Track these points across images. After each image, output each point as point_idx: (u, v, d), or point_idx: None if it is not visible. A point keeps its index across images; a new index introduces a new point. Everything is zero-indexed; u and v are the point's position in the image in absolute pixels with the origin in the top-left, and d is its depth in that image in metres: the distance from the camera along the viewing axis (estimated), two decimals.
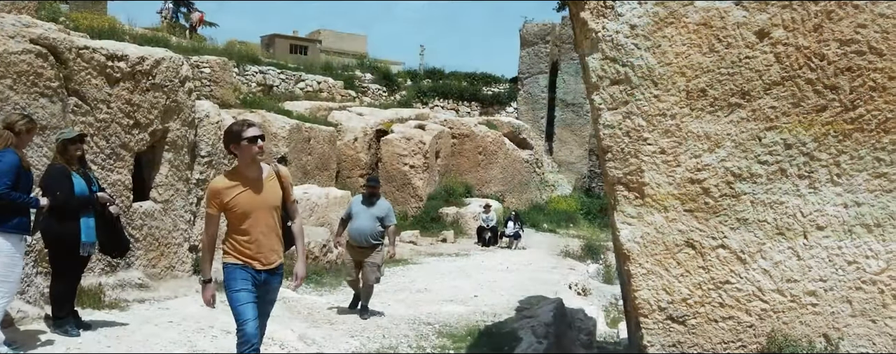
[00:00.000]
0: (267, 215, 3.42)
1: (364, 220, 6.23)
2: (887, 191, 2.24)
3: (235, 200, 3.37)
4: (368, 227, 6.21)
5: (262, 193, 3.42)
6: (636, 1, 2.49)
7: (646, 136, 2.46)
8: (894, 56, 2.25)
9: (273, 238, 3.45)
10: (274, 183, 3.48)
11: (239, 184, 3.38)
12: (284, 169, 3.64)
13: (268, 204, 3.42)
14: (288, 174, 3.64)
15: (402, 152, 15.19)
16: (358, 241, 6.22)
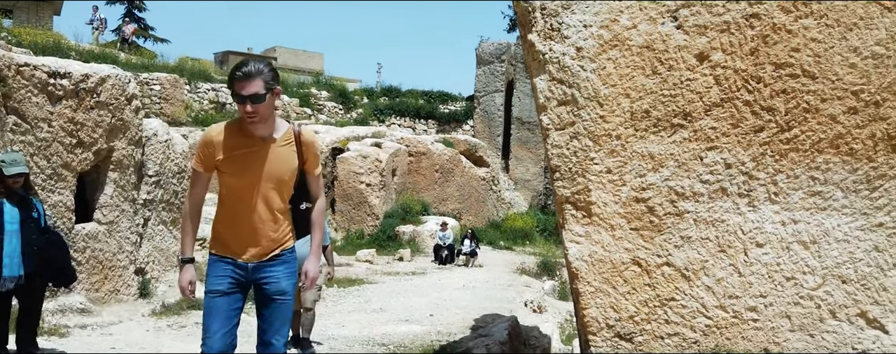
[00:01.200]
0: (269, 191, 2.63)
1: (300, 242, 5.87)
2: (822, 209, 2.32)
3: (230, 161, 2.60)
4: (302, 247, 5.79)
5: (268, 160, 2.61)
6: (582, 24, 2.54)
7: (592, 156, 2.50)
8: (826, 79, 2.34)
9: (272, 223, 2.67)
10: (289, 150, 2.67)
11: (240, 141, 2.61)
12: (309, 133, 2.77)
13: (273, 175, 2.62)
14: (313, 141, 2.77)
15: (359, 170, 15.11)
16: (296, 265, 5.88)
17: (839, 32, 2.33)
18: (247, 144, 2.62)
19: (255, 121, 2.57)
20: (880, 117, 2.30)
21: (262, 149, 2.64)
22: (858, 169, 2.31)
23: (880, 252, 2.28)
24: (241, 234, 2.69)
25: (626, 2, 2.49)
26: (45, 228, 4.17)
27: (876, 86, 2.30)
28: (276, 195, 2.67)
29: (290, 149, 2.70)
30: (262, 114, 2.57)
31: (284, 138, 2.69)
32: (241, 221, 2.69)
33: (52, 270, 4.14)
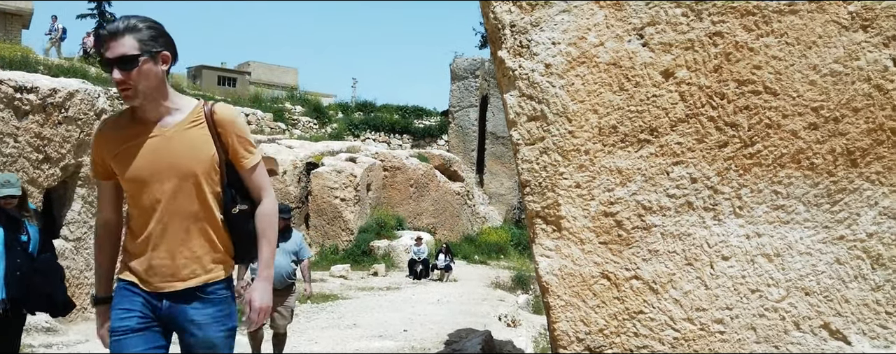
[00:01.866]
0: (177, 193, 1.98)
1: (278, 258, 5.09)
2: (785, 223, 2.37)
3: (120, 158, 2.00)
4: (284, 265, 5.31)
5: (168, 151, 1.99)
6: (550, 41, 2.58)
7: (562, 171, 2.53)
8: (787, 95, 2.40)
9: (186, 238, 1.99)
10: (199, 134, 2.03)
11: (130, 131, 2.02)
12: (226, 110, 2.10)
13: (179, 170, 1.98)
14: (232, 119, 2.08)
15: (333, 185, 15.04)
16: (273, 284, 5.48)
17: (799, 50, 2.40)
18: (137, 133, 2.00)
19: (128, 95, 1.95)
20: (839, 133, 2.37)
21: (158, 138, 2.00)
22: (819, 183, 2.36)
23: (841, 264, 2.33)
24: (146, 256, 2.01)
25: (593, 20, 2.54)
26: (32, 253, 3.93)
27: (835, 103, 2.37)
28: (189, 197, 2.00)
29: (201, 133, 2.03)
30: (137, 84, 1.94)
31: (191, 120, 2.03)
32: (145, 238, 2.00)
33: (36, 297, 3.88)
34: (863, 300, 2.31)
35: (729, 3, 2.45)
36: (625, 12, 2.53)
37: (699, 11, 2.46)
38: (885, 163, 2.33)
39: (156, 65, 2.01)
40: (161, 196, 2.01)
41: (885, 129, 2.34)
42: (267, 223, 2.15)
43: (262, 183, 2.17)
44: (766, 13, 2.42)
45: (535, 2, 2.61)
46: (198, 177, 2.03)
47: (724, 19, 2.45)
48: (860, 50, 2.37)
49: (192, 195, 2.03)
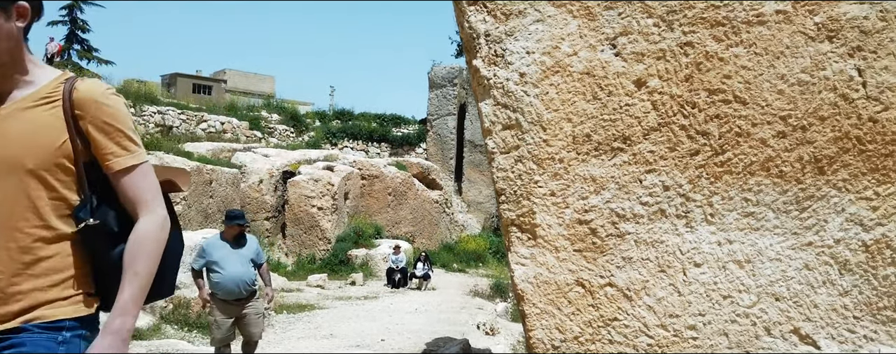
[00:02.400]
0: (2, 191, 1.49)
1: (236, 265, 5.07)
2: (755, 230, 2.41)
3: None
4: (245, 273, 5.10)
5: None
6: (525, 51, 2.60)
7: (537, 179, 2.54)
8: (756, 104, 2.45)
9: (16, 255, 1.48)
10: (47, 115, 1.55)
11: None
12: (93, 87, 1.60)
13: (6, 162, 1.49)
14: (98, 99, 1.58)
15: (310, 194, 14.95)
16: (234, 293, 5.00)
17: (767, 60, 2.45)
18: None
19: None
20: (807, 141, 2.41)
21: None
22: (788, 190, 2.41)
23: (810, 270, 2.37)
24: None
25: (566, 29, 2.57)
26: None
27: (802, 112, 2.42)
28: (16, 202, 1.49)
29: (48, 115, 1.54)
30: None
31: (40, 96, 1.55)
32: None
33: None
34: (831, 305, 2.36)
35: (699, 14, 2.49)
36: (598, 22, 2.56)
37: (670, 22, 2.50)
38: (851, 170, 2.38)
39: (8, 20, 1.51)
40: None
41: (850, 138, 2.39)
42: (140, 250, 1.54)
43: (142, 194, 1.59)
44: (736, 24, 2.47)
45: (509, 11, 2.63)
46: (31, 175, 1.49)
47: (695, 30, 2.49)
48: (826, 60, 2.43)
49: (21, 198, 1.48)
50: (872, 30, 2.42)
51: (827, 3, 2.45)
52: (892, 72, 2.40)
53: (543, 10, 2.61)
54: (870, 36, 2.42)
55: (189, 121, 18.88)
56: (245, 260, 5.16)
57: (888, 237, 2.36)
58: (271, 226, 14.60)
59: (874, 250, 2.36)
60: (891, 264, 2.35)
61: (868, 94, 2.40)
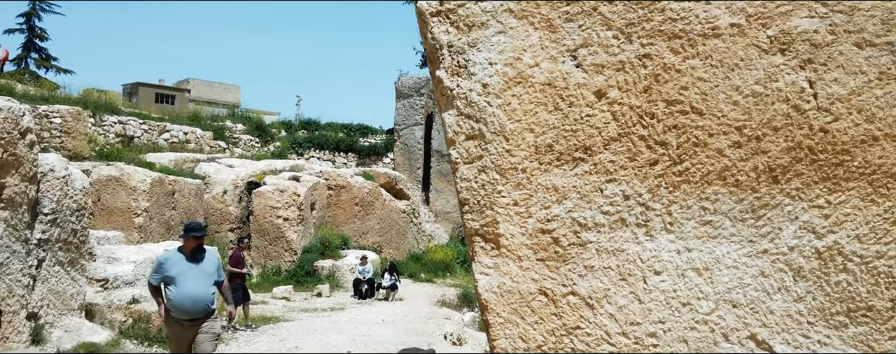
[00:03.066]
0: None
1: (196, 282, 4.76)
2: (712, 238, 2.46)
3: None
4: (204, 290, 4.81)
5: None
6: (487, 61, 2.62)
7: (500, 189, 2.56)
8: (712, 115, 2.50)
9: None
10: None
11: None
12: None
13: None
14: None
15: (276, 204, 14.78)
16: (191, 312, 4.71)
17: (723, 72, 2.51)
18: None
19: None
20: (761, 151, 2.48)
21: None
22: (744, 199, 2.46)
23: (766, 277, 2.43)
24: None
25: (528, 41, 2.60)
26: None
27: (757, 122, 2.48)
28: None
29: None
30: None
31: None
32: None
33: None
34: (786, 311, 2.41)
35: (657, 27, 2.54)
36: (559, 34, 2.60)
37: (629, 34, 2.55)
38: (803, 179, 2.45)
39: None
40: None
41: (803, 147, 2.46)
42: None
43: None
44: (692, 37, 2.53)
45: (472, 23, 2.65)
46: None
47: (653, 42, 2.54)
48: (779, 72, 2.50)
49: None
50: (822, 43, 2.50)
51: (779, 17, 2.52)
52: (842, 85, 2.48)
53: (505, 22, 2.63)
54: (820, 49, 2.50)
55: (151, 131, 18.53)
56: (204, 277, 4.90)
57: (839, 244, 2.43)
58: (235, 238, 14.37)
59: (826, 257, 2.42)
60: (842, 270, 2.42)
61: (819, 105, 2.47)
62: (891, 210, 2.44)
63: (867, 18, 2.49)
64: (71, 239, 7.03)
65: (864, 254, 2.43)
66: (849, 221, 2.44)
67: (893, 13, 2.49)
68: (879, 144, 2.45)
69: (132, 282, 8.45)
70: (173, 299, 4.69)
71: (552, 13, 2.61)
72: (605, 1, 2.57)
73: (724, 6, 2.54)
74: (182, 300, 4.67)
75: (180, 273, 4.75)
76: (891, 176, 2.44)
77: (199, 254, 4.93)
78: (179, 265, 4.84)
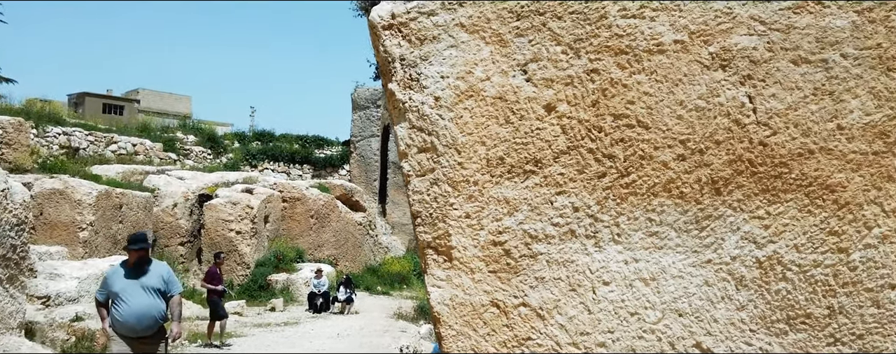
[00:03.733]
0: None
1: (140, 298, 4.60)
2: (659, 248, 2.52)
3: None
4: (150, 306, 4.64)
5: None
6: (439, 75, 2.64)
7: (452, 202, 2.57)
8: (658, 129, 2.57)
9: None
10: None
11: None
12: None
13: None
14: None
15: (228, 217, 14.50)
16: (136, 329, 4.55)
17: (667, 87, 2.58)
18: None
19: None
20: (704, 163, 2.55)
21: None
22: (688, 210, 2.53)
23: (710, 286, 2.50)
24: None
25: (479, 55, 2.63)
26: None
27: (700, 136, 2.56)
28: None
29: None
30: None
31: None
32: None
33: None
34: (729, 319, 2.48)
35: (604, 43, 2.60)
36: (509, 48, 2.63)
37: (577, 50, 2.60)
38: (744, 191, 2.53)
39: None
40: None
41: (743, 160, 2.55)
42: None
43: None
44: (638, 52, 2.59)
45: (423, 36, 2.67)
46: None
47: (600, 57, 2.60)
48: (720, 87, 2.58)
49: None
50: (761, 60, 2.60)
51: (720, 35, 2.61)
52: (779, 100, 2.58)
53: (457, 36, 2.66)
54: (759, 65, 2.60)
55: (98, 142, 17.98)
56: (150, 291, 4.71)
57: (779, 253, 2.52)
58: (186, 252, 14.03)
59: (767, 266, 2.50)
60: (782, 279, 2.50)
61: (758, 120, 2.57)
62: (826, 220, 2.54)
63: (802, 37, 2.60)
64: (9, 255, 6.75)
65: (802, 263, 2.52)
66: (787, 231, 2.53)
67: (827, 32, 2.61)
68: (815, 157, 2.55)
69: (76, 299, 8.15)
70: (117, 315, 4.51)
71: (503, 28, 2.65)
72: (554, 17, 2.62)
73: (668, 23, 2.61)
74: (127, 316, 4.51)
75: (124, 288, 4.58)
76: (826, 187, 2.55)
77: (143, 267, 4.75)
78: (122, 280, 4.68)
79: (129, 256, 4.68)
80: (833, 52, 2.61)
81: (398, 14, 2.68)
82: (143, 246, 4.80)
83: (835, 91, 2.59)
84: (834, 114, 2.59)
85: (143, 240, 4.86)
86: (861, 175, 2.59)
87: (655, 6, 2.63)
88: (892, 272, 2.56)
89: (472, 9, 2.67)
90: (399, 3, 2.69)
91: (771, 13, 2.62)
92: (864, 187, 2.58)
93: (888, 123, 2.58)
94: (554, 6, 2.64)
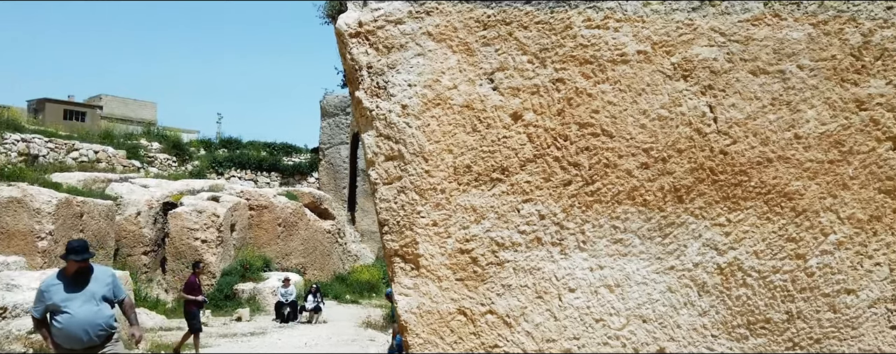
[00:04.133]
0: None
1: (83, 307, 4.23)
2: (623, 255, 2.55)
3: None
4: (95, 315, 4.26)
5: None
6: (407, 83, 2.64)
7: (419, 210, 2.57)
8: (622, 138, 2.61)
9: None
10: None
11: None
12: None
13: None
14: None
15: (193, 226, 14.26)
16: (83, 341, 4.18)
17: (631, 97, 2.63)
18: None
19: None
20: (667, 172, 2.60)
21: None
22: (652, 218, 2.57)
23: (673, 292, 2.54)
24: None
25: (447, 64, 2.64)
26: None
27: (662, 145, 2.60)
28: None
29: None
30: None
31: None
32: None
33: None
34: (692, 325, 2.52)
35: (569, 52, 2.64)
36: (476, 57, 2.65)
37: (543, 59, 2.64)
38: (706, 198, 2.59)
39: None
40: None
41: (705, 169, 2.60)
42: None
43: None
44: (602, 62, 2.64)
45: (391, 45, 2.67)
46: None
47: (566, 67, 2.63)
48: (682, 97, 2.64)
49: None
50: (721, 70, 2.66)
51: (681, 46, 2.67)
52: (739, 109, 2.64)
53: (424, 45, 2.67)
54: (719, 76, 2.66)
55: (58, 149, 17.54)
56: (93, 299, 4.35)
57: (739, 260, 2.57)
58: (150, 261, 13.75)
59: (728, 272, 2.56)
60: (742, 285, 2.56)
61: (719, 129, 2.63)
62: (784, 227, 2.61)
63: (761, 48, 2.67)
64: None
65: (761, 269, 2.58)
66: (747, 238, 2.59)
67: (784, 44, 2.69)
68: (773, 165, 2.62)
69: None
70: (62, 329, 4.15)
71: (470, 37, 2.67)
72: (520, 27, 2.65)
73: (631, 34, 2.66)
74: (73, 329, 4.14)
75: (65, 299, 4.20)
76: (784, 195, 2.62)
77: (85, 277, 4.36)
78: (62, 292, 4.29)
79: (68, 266, 4.36)
80: (790, 64, 2.69)
81: (365, 22, 2.68)
82: (85, 257, 4.45)
83: (792, 101, 2.67)
84: (791, 123, 2.66)
85: (86, 250, 4.48)
86: (817, 183, 2.66)
87: (619, 17, 2.68)
88: (848, 277, 2.64)
89: (439, 18, 2.69)
90: (366, 11, 2.69)
91: (730, 25, 2.69)
92: (821, 195, 2.66)
93: (843, 133, 2.67)
94: (520, 16, 2.67)
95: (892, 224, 2.63)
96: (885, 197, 2.63)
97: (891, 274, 2.61)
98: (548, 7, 2.68)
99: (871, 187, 2.63)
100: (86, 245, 4.53)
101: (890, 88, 2.66)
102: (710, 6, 2.69)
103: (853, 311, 2.58)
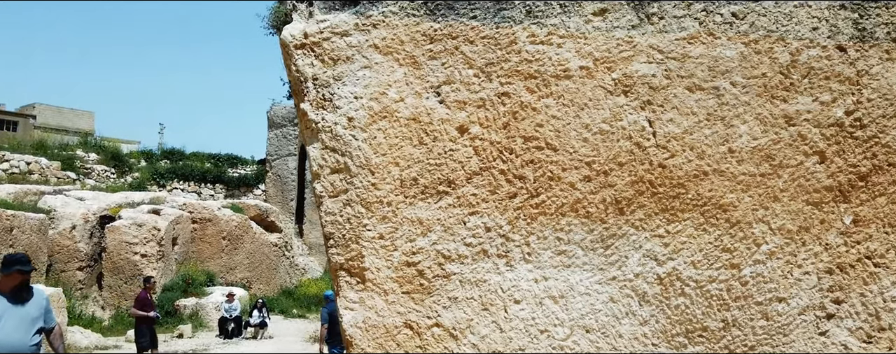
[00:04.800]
0: None
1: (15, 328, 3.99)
2: (567, 266, 2.60)
3: None
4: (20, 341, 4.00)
5: None
6: (353, 95, 2.63)
7: (365, 223, 2.56)
8: (565, 151, 2.67)
9: None
10: None
11: None
12: None
13: None
14: None
15: (133, 240, 13.79)
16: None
17: (574, 111, 2.68)
18: None
19: None
20: (609, 184, 2.66)
21: None
22: (594, 229, 2.63)
23: (615, 302, 2.59)
24: None
25: (393, 76, 2.65)
26: None
27: (604, 158, 2.67)
28: None
29: None
30: None
31: None
32: None
33: None
34: (633, 334, 2.58)
35: (514, 67, 2.68)
36: (422, 71, 2.67)
37: (489, 73, 2.67)
38: (645, 210, 2.66)
39: None
40: None
41: (644, 181, 2.68)
42: None
43: None
44: (546, 77, 2.69)
45: (337, 57, 2.66)
46: None
47: (511, 81, 2.68)
48: (623, 112, 2.71)
49: None
50: (659, 86, 2.75)
51: (622, 62, 2.75)
52: (676, 124, 2.73)
53: (371, 57, 2.67)
54: (657, 91, 2.75)
55: None
56: (26, 323, 4.11)
57: (678, 270, 2.65)
58: (85, 277, 13.21)
59: (667, 282, 2.63)
60: (681, 295, 2.63)
61: (657, 143, 2.71)
62: (720, 238, 2.70)
63: (696, 65, 2.78)
64: None
65: (698, 279, 2.66)
66: (685, 249, 2.68)
67: (718, 62, 2.80)
68: (709, 178, 2.72)
69: None
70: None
71: (416, 50, 2.68)
72: (466, 41, 2.68)
73: (574, 50, 2.73)
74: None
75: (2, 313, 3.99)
76: (719, 207, 2.71)
77: (23, 294, 4.15)
78: (7, 302, 4.09)
79: (5, 280, 4.07)
80: (724, 80, 2.81)
81: (311, 34, 2.67)
82: (24, 269, 4.17)
83: (726, 116, 2.78)
84: (725, 138, 2.77)
85: (25, 262, 4.26)
86: (750, 195, 2.78)
87: (562, 33, 2.75)
88: (779, 286, 2.75)
89: (386, 31, 2.70)
90: (312, 22, 2.68)
91: (668, 43, 2.79)
92: (753, 206, 2.77)
93: (773, 147, 2.79)
94: (466, 31, 2.71)
95: (819, 234, 2.76)
96: (813, 208, 2.76)
97: (819, 282, 2.73)
98: (493, 22, 2.72)
99: (799, 199, 2.76)
100: (26, 258, 4.32)
101: (816, 105, 2.80)
102: (649, 24, 2.78)
103: (784, 318, 2.69)
